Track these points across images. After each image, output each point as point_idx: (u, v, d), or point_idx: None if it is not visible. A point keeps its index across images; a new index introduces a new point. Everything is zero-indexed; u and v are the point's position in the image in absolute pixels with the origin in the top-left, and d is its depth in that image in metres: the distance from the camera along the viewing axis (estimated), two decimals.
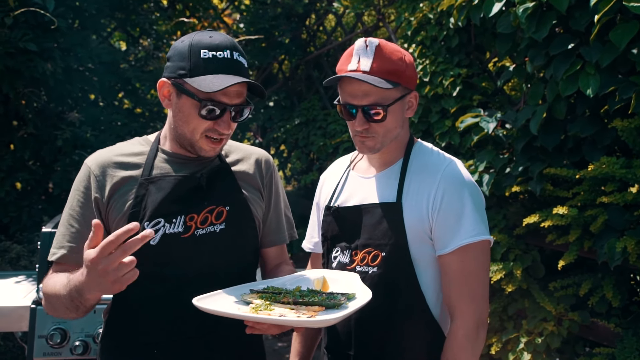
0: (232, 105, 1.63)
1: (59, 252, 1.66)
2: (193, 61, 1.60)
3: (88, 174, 1.69)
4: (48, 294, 1.61)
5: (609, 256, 2.59)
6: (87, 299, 1.50)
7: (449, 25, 3.65)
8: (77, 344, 2.67)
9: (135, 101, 6.37)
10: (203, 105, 1.59)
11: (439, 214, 1.69)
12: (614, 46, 2.45)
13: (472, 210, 1.69)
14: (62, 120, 5.51)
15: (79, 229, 1.66)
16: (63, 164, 5.32)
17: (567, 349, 3.18)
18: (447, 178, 1.71)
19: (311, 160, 6.61)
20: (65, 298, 1.53)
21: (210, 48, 1.60)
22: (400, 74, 1.71)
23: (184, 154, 1.74)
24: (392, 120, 1.73)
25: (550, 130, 2.92)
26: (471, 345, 1.65)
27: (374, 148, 1.75)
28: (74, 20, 5.73)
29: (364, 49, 1.71)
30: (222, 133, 1.64)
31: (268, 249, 1.90)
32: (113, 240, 1.32)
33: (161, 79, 1.67)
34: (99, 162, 1.70)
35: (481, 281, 1.70)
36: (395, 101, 1.71)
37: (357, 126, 1.71)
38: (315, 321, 1.42)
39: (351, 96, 1.71)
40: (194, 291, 1.53)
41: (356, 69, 1.69)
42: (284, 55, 7.22)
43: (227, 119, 1.63)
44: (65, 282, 1.52)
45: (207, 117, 1.61)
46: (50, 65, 4.79)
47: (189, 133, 1.65)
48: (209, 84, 1.56)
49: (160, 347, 1.66)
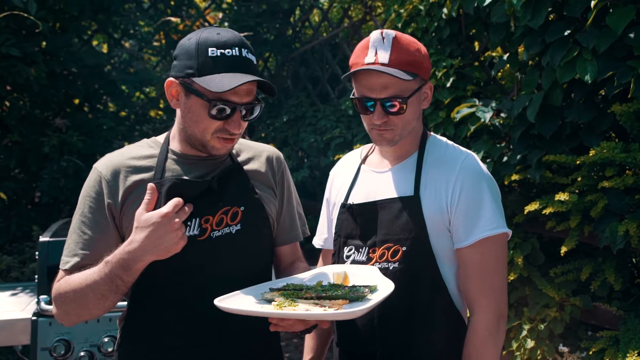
0: (242, 104, 1.59)
1: (72, 260, 1.61)
2: (201, 60, 1.56)
3: (99, 179, 1.65)
4: (68, 292, 1.56)
5: (611, 240, 2.60)
6: (136, 271, 1.50)
7: (440, 16, 3.64)
8: (82, 354, 2.64)
9: (121, 104, 6.29)
10: (212, 105, 1.56)
11: (458, 206, 1.68)
12: (611, 31, 2.45)
13: (490, 202, 1.69)
14: (47, 126, 5.42)
15: (92, 235, 1.62)
16: (50, 171, 5.25)
17: (570, 334, 3.20)
18: (466, 170, 1.71)
19: (301, 158, 6.58)
20: (100, 283, 1.50)
21: (218, 46, 1.56)
22: (418, 65, 1.70)
23: (195, 154, 1.70)
24: (411, 112, 1.71)
25: (547, 117, 2.92)
26: (493, 338, 1.65)
27: (392, 140, 1.73)
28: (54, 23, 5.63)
29: (380, 41, 1.69)
30: (233, 133, 1.61)
31: (282, 247, 1.88)
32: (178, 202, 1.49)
33: (169, 79, 1.63)
34: (109, 167, 1.66)
35: (500, 274, 1.70)
36: (414, 93, 1.70)
37: (376, 119, 1.69)
38: (344, 313, 1.40)
39: (369, 89, 1.68)
40: (212, 294, 1.51)
41: (374, 62, 1.67)
42: (270, 53, 7.18)
43: (238, 118, 1.60)
44: (101, 266, 1.51)
45: (217, 117, 1.58)
46: (34, 70, 4.70)
47: (199, 133, 1.62)
48: (218, 83, 1.52)
49: (179, 351, 1.64)
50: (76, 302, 1.56)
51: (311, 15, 7.31)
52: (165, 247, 1.48)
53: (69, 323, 1.63)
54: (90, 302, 1.54)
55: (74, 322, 1.62)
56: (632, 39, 2.43)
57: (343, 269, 1.71)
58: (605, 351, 2.79)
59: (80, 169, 5.21)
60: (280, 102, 7.04)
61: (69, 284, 1.57)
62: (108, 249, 1.57)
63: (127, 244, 1.49)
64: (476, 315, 1.68)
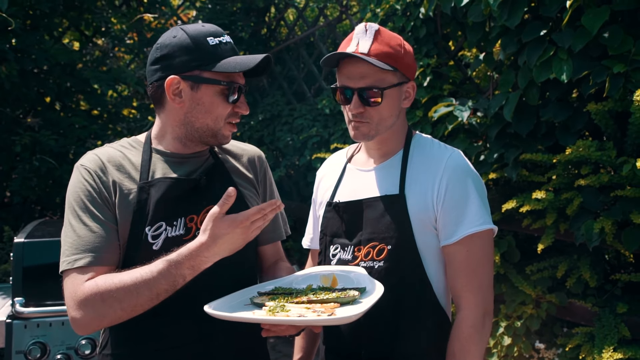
0: (244, 85, 1.67)
1: (85, 257, 1.53)
2: (204, 50, 1.60)
3: (89, 174, 1.62)
4: (112, 291, 1.47)
5: (587, 237, 2.64)
6: (206, 265, 1.50)
7: (417, 15, 3.66)
8: (59, 357, 2.59)
9: (93, 102, 6.18)
10: (229, 87, 1.62)
11: (443, 203, 1.69)
12: (586, 31, 2.49)
13: (476, 199, 1.69)
14: (19, 125, 5.31)
15: (99, 226, 1.57)
16: (22, 171, 5.13)
17: (546, 331, 3.24)
18: (451, 168, 1.71)
19: (277, 157, 6.56)
20: (161, 282, 1.47)
21: (213, 35, 1.64)
22: (398, 59, 1.71)
23: (180, 152, 1.70)
24: (388, 107, 1.72)
25: (524, 116, 2.96)
26: (478, 334, 1.66)
27: (368, 135, 1.74)
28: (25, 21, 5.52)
29: (363, 32, 1.71)
30: (242, 115, 1.68)
31: (265, 246, 1.88)
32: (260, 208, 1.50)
33: (169, 77, 1.61)
34: (96, 162, 1.64)
35: (486, 270, 1.71)
36: (392, 86, 1.70)
37: (352, 109, 1.70)
38: (338, 319, 1.40)
39: (348, 78, 1.70)
40: (199, 295, 1.51)
41: (354, 51, 1.69)
42: (244, 51, 7.13)
43: (243, 99, 1.67)
44: (159, 265, 1.47)
45: (235, 100, 1.64)
46: (5, 67, 4.60)
47: (212, 122, 1.65)
48: (235, 66, 1.58)
49: (166, 353, 1.62)
50: (125, 301, 1.48)
51: (286, 14, 7.28)
52: (236, 248, 1.51)
53: (94, 327, 1.52)
54: (143, 300, 1.48)
55: (103, 325, 1.53)
56: (606, 38, 2.48)
57: (330, 271, 1.70)
58: (581, 347, 2.84)
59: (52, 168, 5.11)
60: (255, 101, 7.00)
61: (116, 283, 1.49)
62: (116, 239, 1.58)
63: (201, 247, 1.47)
64: (462, 311, 1.69)
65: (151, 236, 1.59)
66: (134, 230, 1.59)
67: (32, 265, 1.58)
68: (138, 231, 1.59)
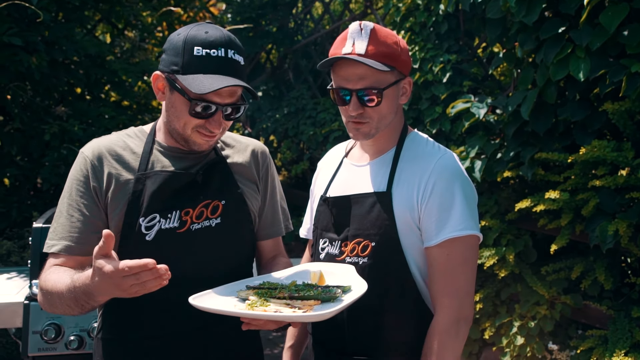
0: (225, 104, 1.59)
1: (59, 243, 1.61)
2: (186, 58, 1.55)
3: (85, 163, 1.66)
4: (48, 290, 1.57)
5: (601, 239, 2.61)
6: (97, 301, 1.47)
7: (438, 11, 3.64)
8: (72, 338, 2.66)
9: (122, 94, 6.29)
10: (193, 104, 1.56)
11: (427, 204, 1.66)
12: (604, 29, 2.45)
13: (461, 203, 1.65)
14: (49, 114, 5.44)
15: (80, 219, 1.62)
16: (51, 159, 5.26)
17: (559, 332, 3.21)
18: (440, 169, 1.68)
19: (301, 150, 6.59)
20: (69, 298, 1.50)
21: (204, 45, 1.56)
22: (396, 57, 1.69)
23: (180, 147, 1.71)
24: (387, 106, 1.70)
25: (541, 115, 2.92)
26: (451, 340, 1.62)
27: (368, 134, 1.72)
28: (57, 13, 5.64)
29: (358, 32, 1.68)
30: (212, 132, 1.61)
31: (264, 241, 1.89)
32: (128, 268, 1.32)
33: (155, 72, 1.63)
34: (95, 151, 1.67)
35: (466, 277, 1.67)
36: (390, 85, 1.68)
37: (352, 111, 1.68)
38: (311, 315, 1.41)
39: (345, 80, 1.67)
40: (190, 286, 1.52)
41: (351, 52, 1.66)
42: (272, 45, 7.17)
43: (219, 118, 1.60)
44: (69, 282, 1.49)
45: (198, 116, 1.58)
46: (35, 59, 4.71)
47: (180, 128, 1.63)
48: (199, 84, 1.52)
49: (157, 341, 1.65)
50: (50, 301, 1.56)
51: (313, 8, 7.30)
52: (119, 293, 1.39)
53: (50, 311, 1.62)
54: (60, 307, 1.55)
55: (57, 312, 1.60)
56: (625, 37, 2.43)
57: (319, 268, 1.71)
58: (593, 350, 2.80)
59: None
60: (281, 94, 7.05)
61: (48, 281, 1.57)
62: (96, 232, 1.58)
63: (86, 277, 1.43)
64: (437, 315, 1.65)
65: (145, 227, 1.62)
66: (128, 220, 1.62)
67: None
68: (132, 221, 1.62)
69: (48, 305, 1.60)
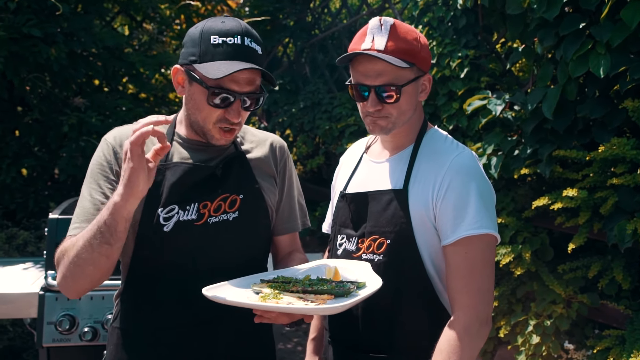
0: (242, 93, 1.59)
1: (82, 225, 1.59)
2: (203, 47, 1.57)
3: (109, 149, 1.67)
4: (66, 249, 1.53)
5: (619, 238, 2.57)
6: (116, 211, 1.43)
7: (456, 5, 3.60)
8: (86, 330, 2.69)
9: (140, 86, 6.33)
10: (211, 92, 1.56)
11: (442, 202, 1.64)
12: (625, 25, 2.40)
13: (477, 202, 1.63)
14: (67, 105, 5.49)
15: (103, 201, 1.61)
16: (69, 150, 5.30)
17: (576, 331, 3.17)
18: (456, 167, 1.66)
19: (317, 145, 6.58)
20: (92, 233, 1.46)
21: (220, 34, 1.57)
22: (415, 54, 1.67)
23: (200, 139, 1.71)
24: (406, 102, 1.68)
25: (561, 112, 2.88)
26: (469, 338, 1.58)
27: (386, 128, 1.71)
28: (77, 5, 5.68)
29: (378, 28, 1.66)
30: (233, 122, 1.61)
31: (280, 237, 1.89)
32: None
33: (175, 66, 1.65)
34: (118, 138, 1.69)
35: (485, 275, 1.64)
36: (409, 82, 1.67)
37: (370, 107, 1.66)
38: (323, 308, 1.41)
39: (364, 76, 1.66)
40: (206, 278, 1.52)
41: (370, 48, 1.64)
42: (289, 39, 7.16)
43: (237, 107, 1.60)
44: (94, 221, 1.48)
45: (216, 105, 1.58)
46: (54, 50, 4.75)
47: (201, 121, 1.63)
48: (216, 70, 1.52)
49: (171, 332, 1.66)
50: (74, 256, 1.50)
51: (331, 2, 7.27)
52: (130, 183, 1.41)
53: (67, 287, 1.56)
54: (81, 255, 1.49)
55: (70, 285, 1.55)
56: None
57: (334, 264, 1.70)
58: (610, 350, 2.77)
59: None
60: (298, 89, 7.04)
61: (70, 241, 1.55)
62: None
63: (113, 194, 1.45)
64: (456, 313, 1.62)
65: (163, 217, 1.63)
66: (147, 210, 1.62)
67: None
68: (151, 211, 1.63)
69: (69, 272, 1.52)
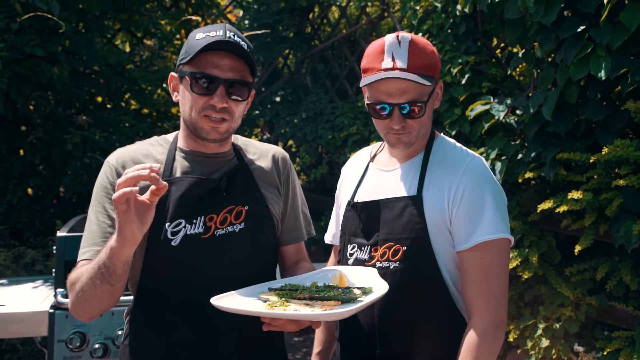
0: (225, 79, 1.61)
1: (91, 249, 1.62)
2: (188, 45, 1.64)
3: (111, 171, 1.70)
4: (76, 278, 1.56)
5: (625, 239, 2.57)
6: (114, 256, 1.43)
7: (456, 12, 3.62)
8: (97, 346, 2.69)
9: (142, 101, 6.36)
10: (193, 78, 1.61)
11: (458, 208, 1.66)
12: (625, 27, 2.41)
13: (492, 207, 1.65)
14: (71, 123, 5.53)
15: (110, 223, 1.64)
16: (74, 168, 5.34)
17: (585, 334, 3.16)
18: (470, 173, 1.68)
19: (320, 154, 6.60)
20: (94, 272, 1.49)
21: (204, 31, 1.64)
22: (435, 67, 1.68)
23: (201, 150, 1.74)
24: (427, 115, 1.71)
25: (563, 115, 2.89)
26: (488, 344, 1.59)
27: (409, 142, 1.72)
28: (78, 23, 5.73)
29: (396, 45, 1.65)
30: (219, 109, 1.62)
31: (286, 246, 1.90)
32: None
33: (170, 74, 1.72)
34: (120, 160, 1.71)
35: (501, 280, 1.66)
36: (431, 95, 1.69)
37: (395, 124, 1.67)
38: (330, 314, 1.41)
39: (387, 95, 1.65)
40: (215, 291, 1.53)
41: (392, 67, 1.63)
42: (289, 50, 7.20)
43: (222, 92, 1.61)
44: (96, 258, 1.50)
45: (199, 91, 1.61)
46: (57, 69, 4.79)
47: (188, 115, 1.66)
48: (196, 50, 1.58)
49: (182, 347, 1.66)
50: (79, 290, 1.55)
51: (330, 13, 7.32)
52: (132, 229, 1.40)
53: (77, 314, 1.62)
54: (86, 291, 1.53)
55: (79, 313, 1.61)
56: None
57: (340, 271, 1.71)
58: (620, 351, 2.76)
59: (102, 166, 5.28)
60: (299, 99, 7.07)
61: (74, 273, 1.59)
62: None
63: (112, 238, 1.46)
64: (474, 319, 1.64)
65: (170, 232, 1.64)
66: (154, 225, 1.62)
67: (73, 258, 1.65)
68: (158, 226, 1.63)
69: (77, 302, 1.57)
